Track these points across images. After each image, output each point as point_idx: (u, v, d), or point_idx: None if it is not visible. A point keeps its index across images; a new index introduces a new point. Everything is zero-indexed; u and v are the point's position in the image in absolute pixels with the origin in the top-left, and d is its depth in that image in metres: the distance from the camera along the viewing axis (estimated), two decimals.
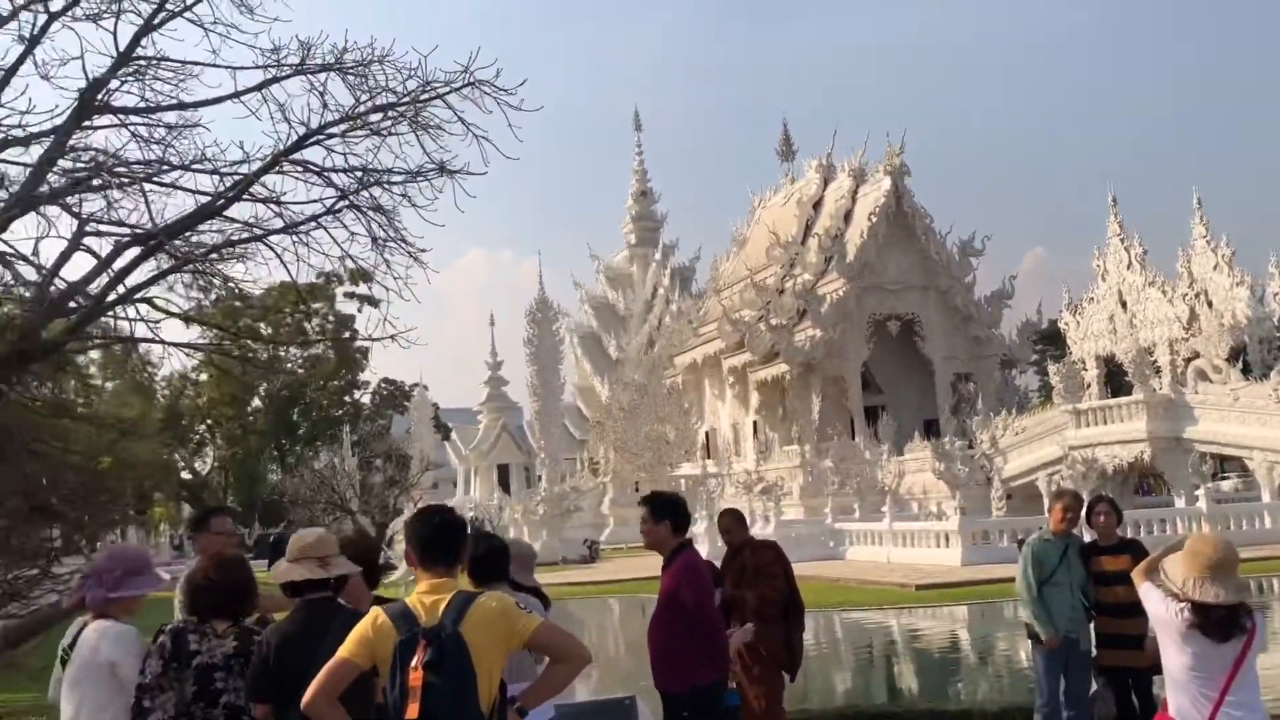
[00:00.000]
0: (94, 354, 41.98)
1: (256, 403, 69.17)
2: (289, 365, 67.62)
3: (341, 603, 3.86)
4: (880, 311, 45.85)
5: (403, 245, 7.39)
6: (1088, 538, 7.03)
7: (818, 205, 52.82)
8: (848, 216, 49.50)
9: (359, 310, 65.92)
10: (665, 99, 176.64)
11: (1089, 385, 36.65)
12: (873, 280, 45.62)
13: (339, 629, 3.41)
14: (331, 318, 66.13)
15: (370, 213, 7.21)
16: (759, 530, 28.47)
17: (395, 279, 7.82)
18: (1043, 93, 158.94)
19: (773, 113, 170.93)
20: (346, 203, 7.10)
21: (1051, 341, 53.80)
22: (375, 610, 3.19)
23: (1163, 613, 4.11)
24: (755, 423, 49.32)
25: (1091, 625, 6.68)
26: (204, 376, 61.01)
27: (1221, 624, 3.94)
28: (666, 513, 5.23)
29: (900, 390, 47.97)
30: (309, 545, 3.89)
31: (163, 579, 4.24)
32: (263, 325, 68.02)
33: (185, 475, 73.30)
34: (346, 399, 69.72)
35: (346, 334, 66.19)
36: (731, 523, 6.69)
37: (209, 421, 70.96)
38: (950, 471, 25.32)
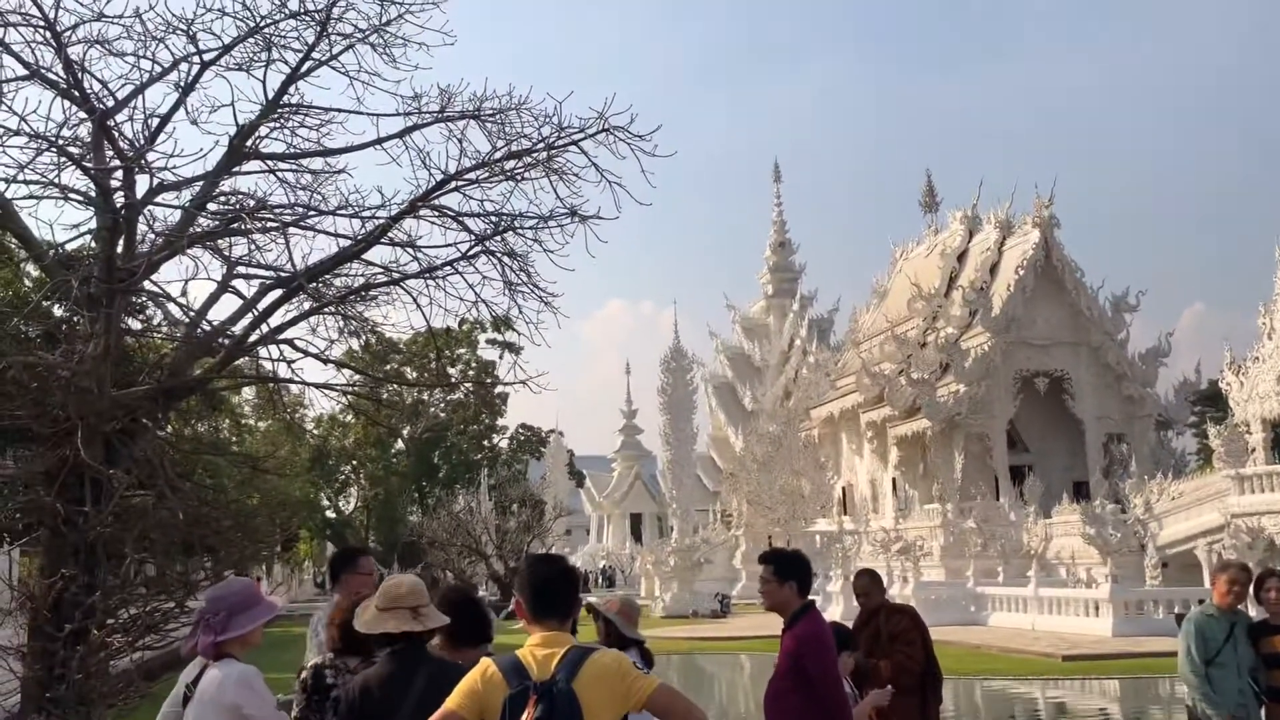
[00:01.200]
0: (247, 394, 43.84)
1: (399, 445, 71.01)
2: (432, 409, 69.58)
3: (431, 652, 3.76)
4: (1027, 368, 44.29)
5: (535, 290, 7.37)
6: (1255, 614, 6.48)
7: (962, 257, 51.62)
8: (993, 269, 48.19)
9: (500, 356, 67.42)
10: (808, 149, 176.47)
11: (1253, 449, 34.45)
12: (1019, 335, 44.16)
13: (424, 680, 3.29)
14: (474, 363, 67.61)
15: (504, 257, 7.22)
16: (896, 591, 27.59)
17: (528, 324, 7.80)
18: (1202, 140, 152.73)
19: (916, 163, 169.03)
20: (481, 247, 7.12)
21: (1211, 403, 50.97)
22: (485, 661, 3.05)
23: None
24: (894, 479, 48.11)
25: (1263, 712, 6.10)
26: (351, 418, 63.03)
27: None
28: (792, 572, 4.94)
29: (1048, 450, 46.14)
30: (402, 595, 3.76)
31: (276, 606, 4.23)
32: (408, 370, 70.33)
33: (330, 514, 75.73)
34: (485, 443, 70.95)
35: (488, 379, 67.83)
36: (868, 584, 6.35)
37: (354, 462, 73.16)
38: (1101, 536, 24.08)
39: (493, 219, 7.08)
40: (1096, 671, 18.24)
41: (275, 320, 7.36)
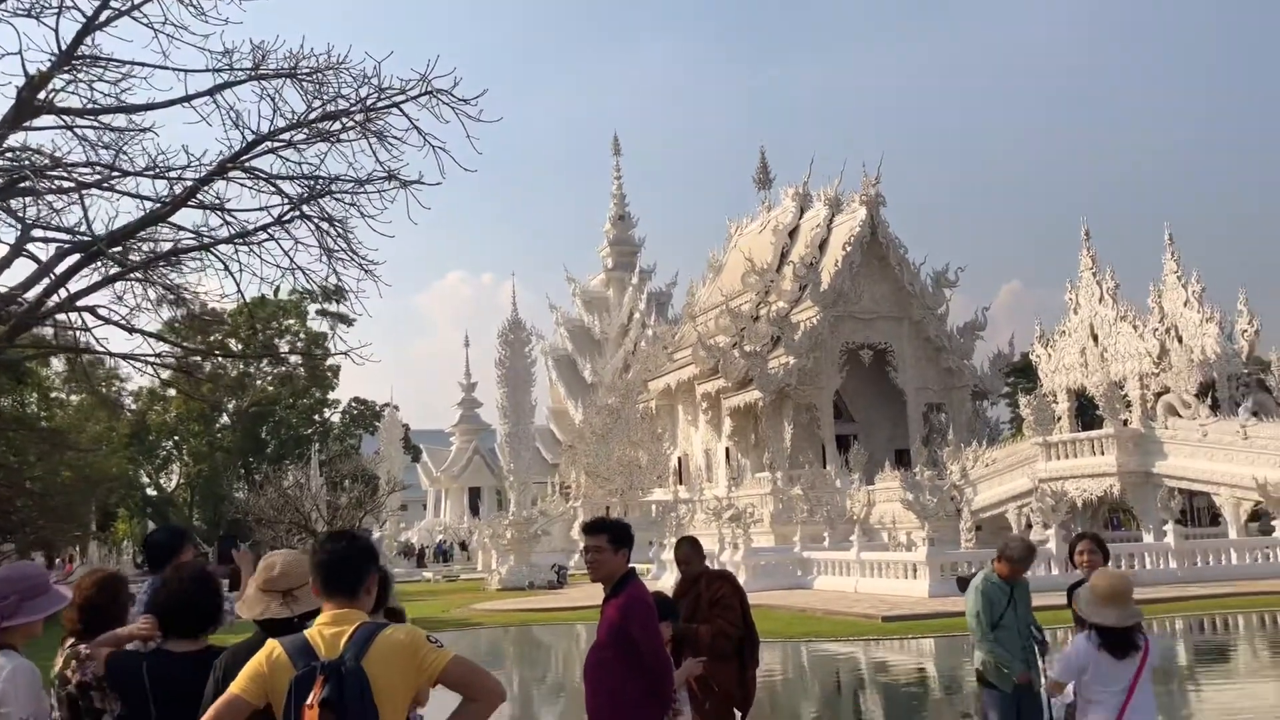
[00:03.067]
0: (58, 366, 41.30)
1: (225, 420, 68.39)
2: (259, 382, 67.13)
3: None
4: (854, 340, 45.84)
5: (354, 257, 7.15)
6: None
7: (794, 233, 52.92)
8: (823, 245, 49.57)
9: (331, 328, 65.50)
10: (647, 125, 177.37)
11: (1060, 418, 36.71)
12: (846, 309, 45.64)
13: None
14: (303, 334, 65.55)
15: (320, 223, 6.97)
16: (728, 558, 28.24)
17: (350, 293, 7.58)
18: (1023, 126, 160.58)
19: (752, 140, 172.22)
20: (296, 212, 6.86)
21: (1024, 374, 54.02)
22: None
23: (1082, 641, 5.10)
24: (727, 449, 49.15)
25: (1044, 662, 6.49)
26: (172, 391, 60.27)
27: (1119, 643, 4.99)
28: (624, 540, 4.95)
29: (872, 419, 47.97)
30: (274, 579, 3.55)
31: (65, 597, 3.99)
32: (233, 341, 67.59)
33: (150, 491, 72.37)
34: (316, 418, 69.03)
35: (318, 351, 65.84)
36: (689, 552, 6.43)
37: (176, 438, 70.11)
38: (918, 502, 25.18)
39: (308, 182, 6.82)
40: (914, 631, 19.07)
41: (75, 286, 6.94)
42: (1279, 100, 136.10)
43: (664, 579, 29.83)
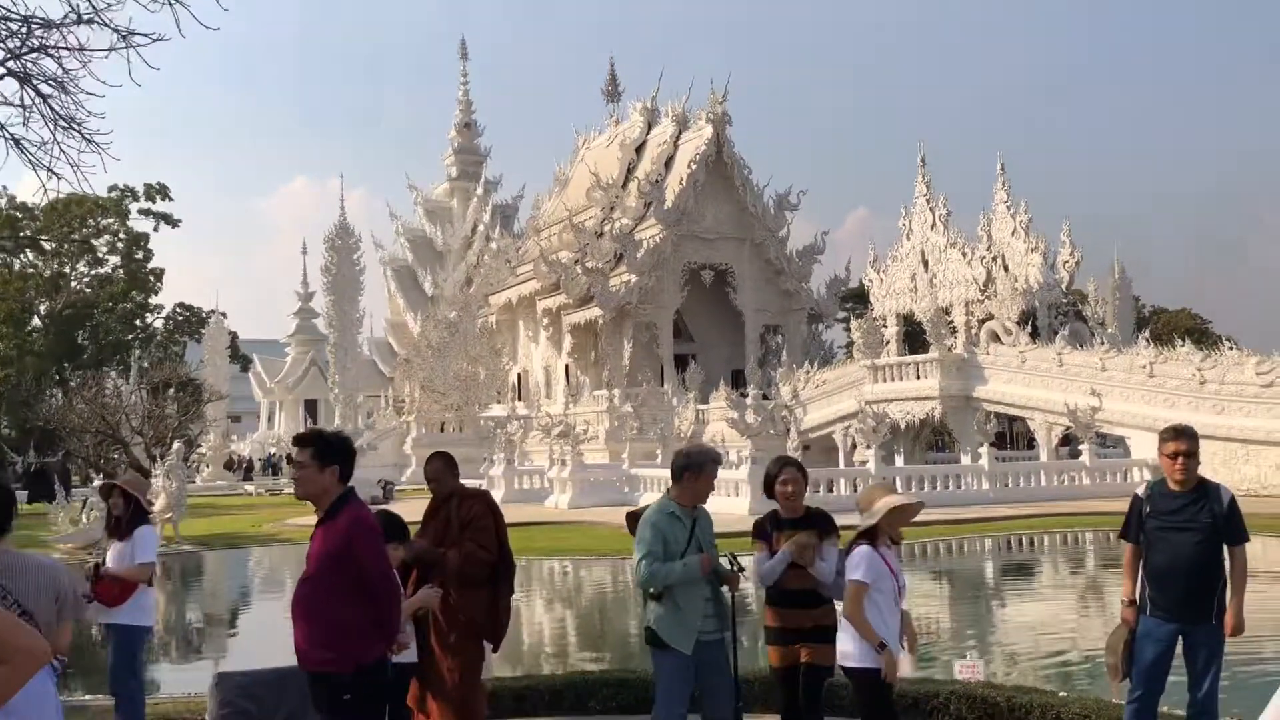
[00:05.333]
0: None
1: (37, 322, 64.03)
2: (74, 284, 62.99)
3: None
4: (696, 260, 45.76)
5: (70, 125, 6.13)
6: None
7: (640, 149, 52.22)
8: (669, 162, 49.08)
9: (155, 228, 61.87)
10: (497, 30, 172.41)
11: (888, 342, 37.50)
12: (690, 228, 45.42)
13: None
14: (123, 235, 61.65)
15: (27, 79, 5.93)
16: (555, 474, 27.89)
17: (72, 166, 6.54)
18: (872, 54, 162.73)
19: (603, 51, 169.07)
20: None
21: (860, 299, 55.12)
22: None
23: (865, 548, 4.83)
24: (567, 366, 48.74)
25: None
26: None
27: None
28: (333, 455, 4.24)
29: (711, 339, 48.24)
30: None
31: None
32: (44, 239, 63.08)
33: None
34: (137, 323, 65.29)
35: (139, 254, 62.10)
36: (440, 468, 5.77)
37: None
38: (743, 420, 25.23)
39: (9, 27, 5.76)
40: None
41: None
42: (1109, 41, 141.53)
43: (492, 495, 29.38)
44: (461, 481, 6.03)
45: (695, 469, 5.04)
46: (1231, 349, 28.01)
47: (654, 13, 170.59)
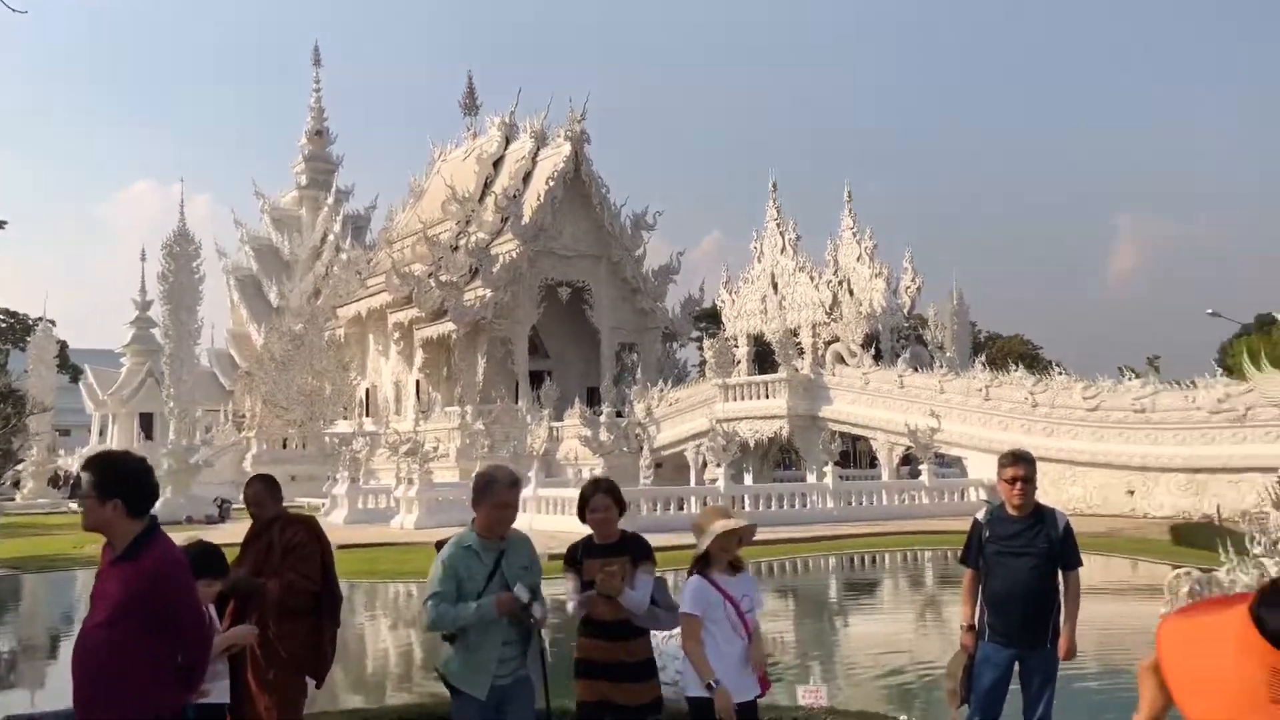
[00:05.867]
0: None
1: None
2: None
3: None
4: (552, 277, 45.55)
5: None
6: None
7: (498, 164, 51.77)
8: (527, 178, 48.79)
9: None
10: (352, 37, 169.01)
11: (739, 362, 38.02)
12: (547, 245, 45.20)
13: None
14: None
15: None
16: (402, 493, 27.17)
17: None
18: (728, 81, 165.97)
19: (461, 63, 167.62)
20: None
21: (714, 319, 55.83)
22: None
23: (691, 579, 4.64)
24: (418, 382, 47.78)
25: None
26: None
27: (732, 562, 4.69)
28: (117, 488, 3.56)
29: (567, 356, 48.06)
30: None
31: None
32: None
33: None
34: None
35: None
36: (261, 492, 5.38)
37: None
38: (595, 438, 25.10)
39: None
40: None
41: None
42: (959, 74, 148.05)
43: (334, 515, 28.42)
44: (287, 503, 5.65)
45: (483, 493, 4.47)
46: (1060, 374, 29.34)
47: (513, 29, 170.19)
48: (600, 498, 4.93)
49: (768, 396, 33.67)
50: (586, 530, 4.99)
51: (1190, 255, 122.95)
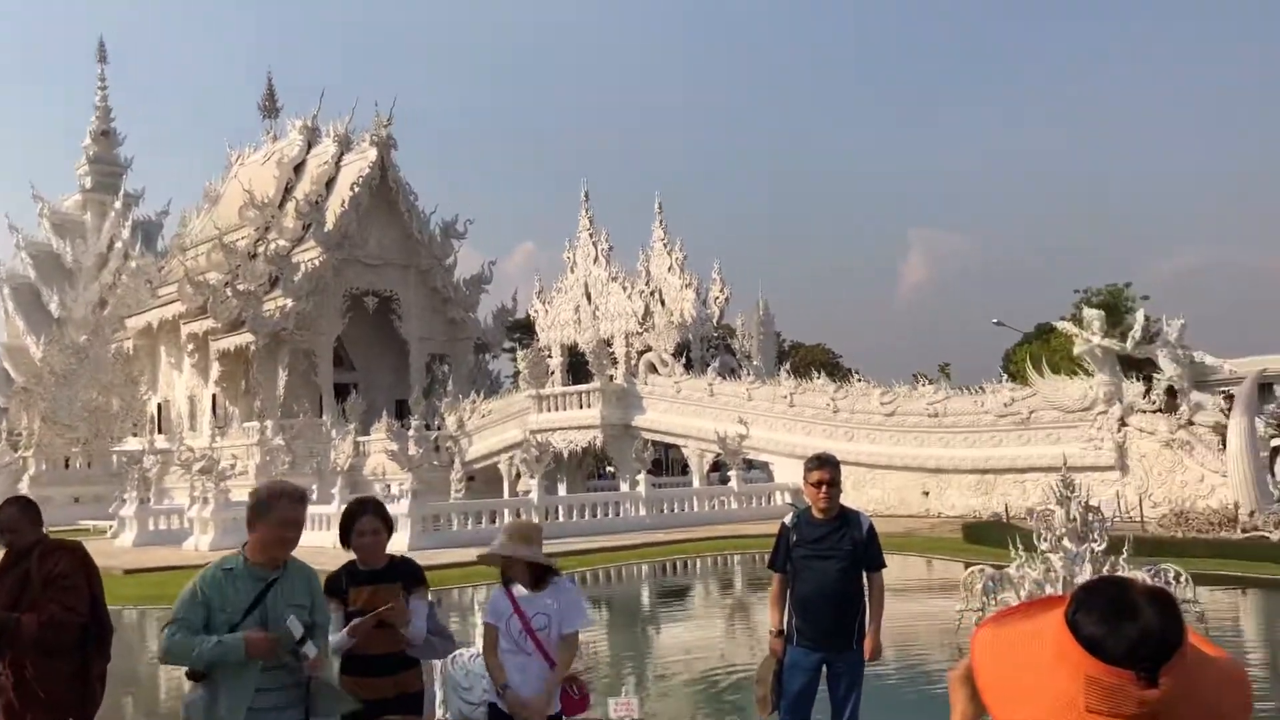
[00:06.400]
0: None
1: None
2: None
3: None
4: (358, 286, 44.28)
5: None
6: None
7: (300, 168, 49.97)
8: (330, 183, 47.29)
9: None
10: (142, 34, 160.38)
11: (553, 372, 37.91)
12: (352, 253, 43.90)
13: None
14: None
15: None
16: (196, 514, 25.75)
17: None
18: (540, 90, 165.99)
19: (261, 64, 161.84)
20: None
21: (527, 330, 55.52)
22: None
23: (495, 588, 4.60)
24: (215, 396, 45.49)
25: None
26: None
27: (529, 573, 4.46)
28: None
29: (374, 368, 46.80)
30: None
31: None
32: None
33: None
34: None
35: None
36: (15, 517, 4.83)
37: None
38: (403, 452, 24.42)
39: None
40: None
41: None
42: (766, 87, 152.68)
43: (121, 540, 26.69)
44: (47, 530, 5.12)
45: (261, 511, 3.86)
46: (859, 381, 30.50)
47: (316, 29, 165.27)
48: (369, 519, 4.52)
49: (582, 406, 33.68)
50: (393, 547, 4.68)
51: (977, 267, 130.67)
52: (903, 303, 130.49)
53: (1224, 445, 21.41)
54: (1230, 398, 22.44)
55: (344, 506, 4.75)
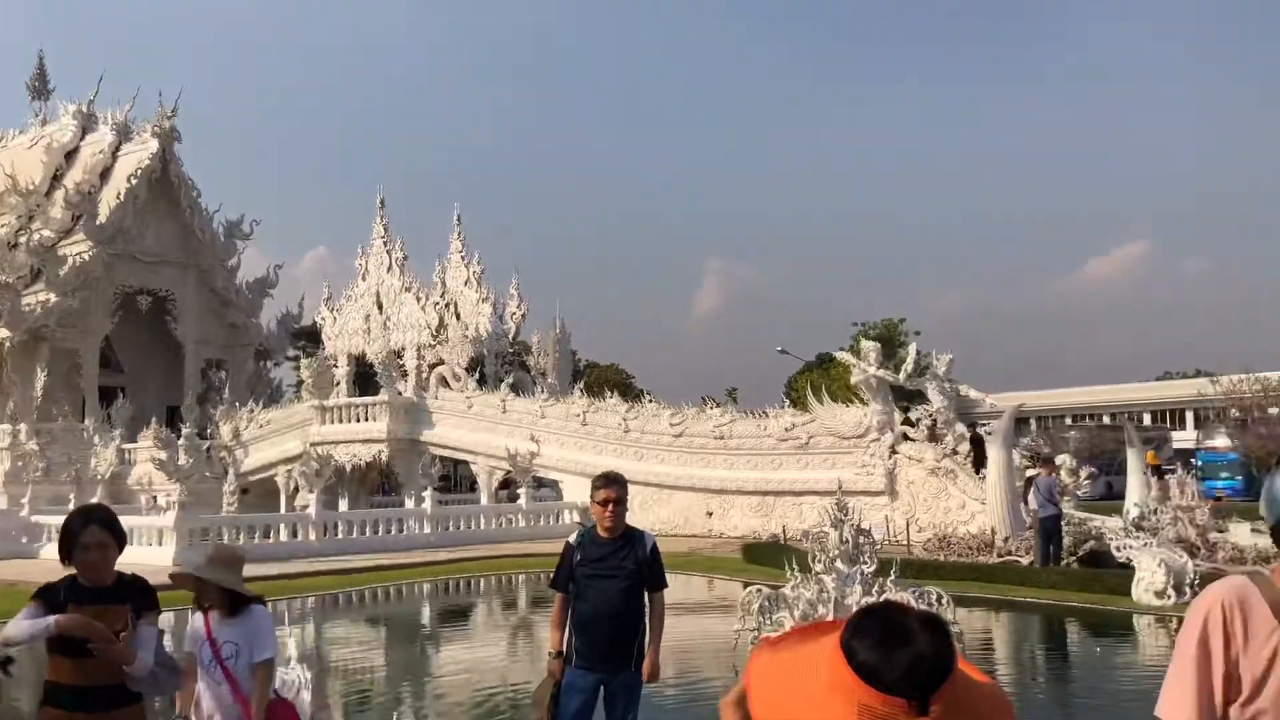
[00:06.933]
0: None
1: None
2: None
3: None
4: (132, 284, 41.61)
5: None
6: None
7: (71, 156, 46.61)
8: (106, 174, 44.32)
9: None
10: None
11: (339, 383, 36.72)
12: (126, 248, 41.23)
13: None
14: None
15: None
16: None
17: None
18: (340, 92, 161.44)
19: (31, 41, 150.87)
20: None
21: (314, 338, 53.59)
22: None
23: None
24: None
25: None
26: None
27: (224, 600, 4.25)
28: None
29: (145, 372, 44.07)
30: None
31: None
32: None
33: None
34: None
35: None
36: None
37: None
38: (171, 462, 23.04)
39: None
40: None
41: None
42: (571, 109, 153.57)
43: None
44: None
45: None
46: (651, 402, 30.95)
47: (95, 9, 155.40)
48: (94, 530, 4.04)
49: (368, 419, 32.78)
50: (158, 558, 4.39)
51: (766, 298, 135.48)
52: (696, 328, 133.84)
53: (977, 471, 22.92)
54: (973, 426, 24.17)
55: (65, 517, 4.29)
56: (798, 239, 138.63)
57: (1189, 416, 68.58)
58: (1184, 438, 58.00)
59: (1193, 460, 41.43)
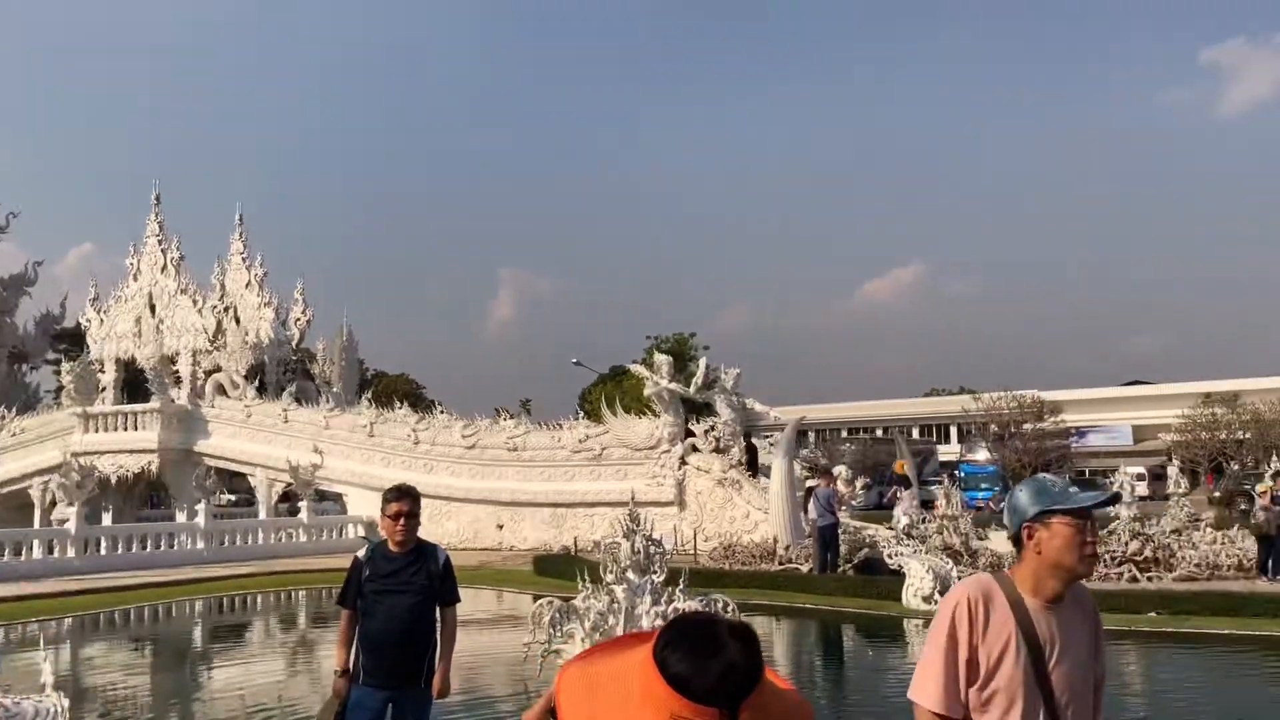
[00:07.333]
0: None
1: None
2: None
3: None
4: None
5: None
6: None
7: None
8: None
9: None
10: None
11: (105, 389, 34.43)
12: None
13: None
14: None
15: None
16: None
17: None
18: (113, 78, 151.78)
19: None
20: None
21: (77, 341, 50.05)
22: None
23: None
24: None
25: None
26: None
27: None
28: None
29: None
30: None
31: None
32: None
33: None
34: None
35: None
36: None
37: None
38: None
39: None
40: None
41: None
42: (363, 117, 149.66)
43: None
44: None
45: None
46: (442, 413, 30.47)
47: None
48: None
49: (137, 428, 30.91)
50: None
51: (561, 309, 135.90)
52: (490, 338, 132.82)
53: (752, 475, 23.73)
54: (748, 436, 25.07)
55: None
56: (592, 252, 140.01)
57: (953, 431, 73.28)
58: (949, 451, 61.92)
59: (956, 472, 44.26)
